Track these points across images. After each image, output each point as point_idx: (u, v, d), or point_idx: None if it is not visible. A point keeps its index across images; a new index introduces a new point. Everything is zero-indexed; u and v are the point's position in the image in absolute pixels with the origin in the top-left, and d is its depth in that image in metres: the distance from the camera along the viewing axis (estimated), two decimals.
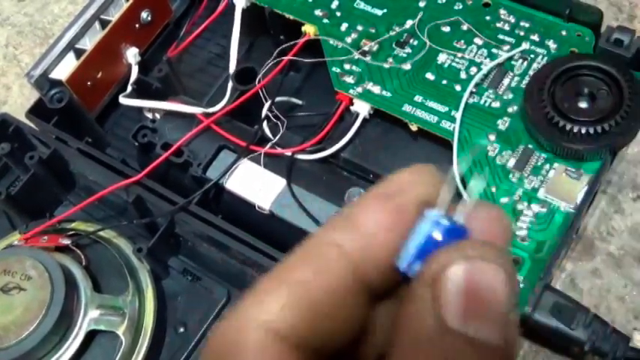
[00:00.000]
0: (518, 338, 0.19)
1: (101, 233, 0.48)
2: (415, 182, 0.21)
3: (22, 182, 0.49)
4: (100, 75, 0.52)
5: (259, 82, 0.49)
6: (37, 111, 0.51)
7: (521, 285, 0.40)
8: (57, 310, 0.42)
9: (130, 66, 0.54)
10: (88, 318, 0.44)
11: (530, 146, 0.44)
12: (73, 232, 0.48)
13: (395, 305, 0.21)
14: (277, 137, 0.48)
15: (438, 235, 0.20)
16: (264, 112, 0.49)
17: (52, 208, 0.52)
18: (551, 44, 0.47)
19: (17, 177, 0.51)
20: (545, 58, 0.46)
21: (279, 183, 0.46)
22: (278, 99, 0.49)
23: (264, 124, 0.49)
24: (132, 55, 0.53)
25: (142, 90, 0.53)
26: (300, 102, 0.52)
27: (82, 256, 0.47)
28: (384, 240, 0.20)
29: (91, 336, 0.44)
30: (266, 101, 0.49)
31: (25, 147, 0.51)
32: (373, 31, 0.50)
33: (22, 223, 0.49)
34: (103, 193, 0.47)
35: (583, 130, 0.42)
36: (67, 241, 0.47)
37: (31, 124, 0.51)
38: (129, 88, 0.53)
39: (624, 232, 0.47)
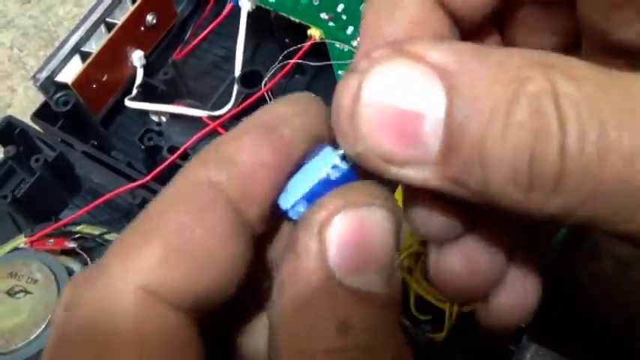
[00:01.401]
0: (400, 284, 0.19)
1: (107, 236, 0.48)
2: (299, 113, 0.19)
3: (27, 185, 0.49)
4: (105, 78, 0.52)
5: (265, 85, 0.49)
6: (42, 114, 0.51)
7: None
8: None
9: (135, 69, 0.54)
10: None
11: None
12: (78, 235, 0.48)
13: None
14: None
15: (334, 176, 0.18)
16: None
17: (57, 211, 0.52)
18: None
19: (22, 180, 0.51)
20: None
21: None
22: None
23: None
24: (137, 57, 0.53)
25: (148, 93, 0.53)
26: None
27: (88, 259, 0.47)
28: (266, 178, 0.18)
29: None
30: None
31: (30, 150, 0.51)
32: None
33: (28, 226, 0.49)
34: (110, 196, 0.47)
35: None
36: (72, 244, 0.47)
37: (37, 127, 0.51)
38: (134, 91, 0.53)
39: None
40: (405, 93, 0.17)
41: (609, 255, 0.47)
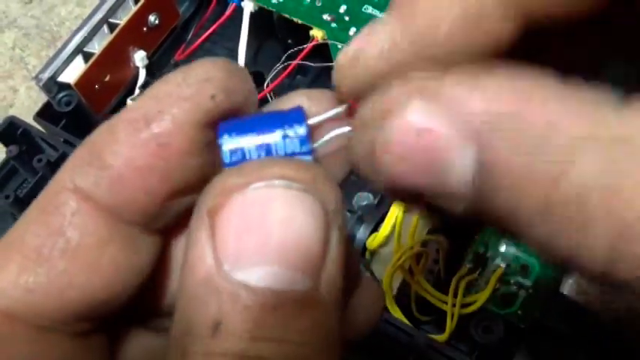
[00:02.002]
0: (336, 282, 0.15)
1: None
2: (185, 95, 0.16)
3: (30, 185, 0.49)
4: (107, 78, 0.52)
5: (267, 86, 0.49)
6: (45, 114, 0.51)
7: (530, 290, 0.40)
8: None
9: (137, 69, 0.54)
10: None
11: None
12: None
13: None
14: None
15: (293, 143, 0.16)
16: None
17: None
18: None
19: (25, 180, 0.51)
20: None
21: None
22: None
23: None
24: (139, 58, 0.53)
25: None
26: None
27: None
28: (143, 183, 0.16)
29: None
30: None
31: (32, 150, 0.51)
32: None
33: None
34: None
35: None
36: None
37: (39, 127, 0.51)
38: (137, 92, 0.53)
39: None
40: (431, 158, 0.14)
41: None
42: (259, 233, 0.14)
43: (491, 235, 0.42)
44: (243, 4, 0.53)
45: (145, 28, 0.54)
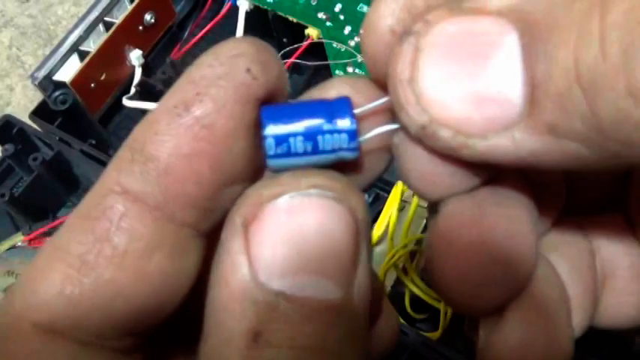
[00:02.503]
0: (367, 292, 0.15)
1: None
2: (221, 74, 0.15)
3: (25, 184, 0.49)
4: (103, 77, 0.52)
5: None
6: (40, 112, 0.51)
7: None
8: None
9: (133, 68, 0.54)
10: None
11: None
12: None
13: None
14: None
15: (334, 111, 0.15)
16: None
17: (55, 209, 0.52)
18: None
19: (21, 178, 0.51)
20: None
21: None
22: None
23: None
24: (135, 57, 0.53)
25: (146, 92, 0.53)
26: None
27: None
28: (192, 173, 0.15)
29: None
30: None
31: (28, 148, 0.51)
32: None
33: (26, 224, 0.49)
34: None
35: None
36: None
37: (35, 126, 0.51)
38: (132, 90, 0.53)
39: None
40: (472, 47, 0.14)
41: None
42: (295, 242, 0.14)
43: None
44: (238, 2, 0.53)
45: (140, 27, 0.54)
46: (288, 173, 0.15)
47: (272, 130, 0.15)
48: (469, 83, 0.14)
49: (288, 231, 0.14)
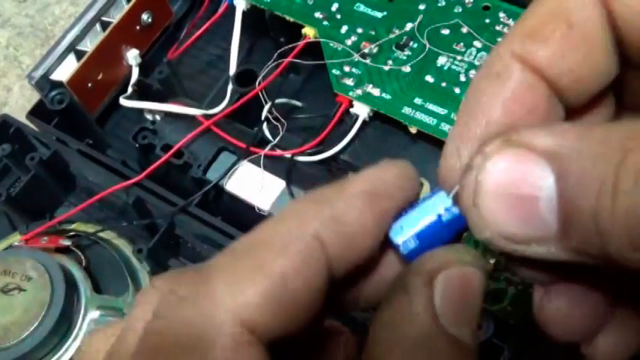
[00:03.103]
0: None
1: (101, 234, 0.48)
2: (402, 187, 0.21)
3: (22, 183, 0.49)
4: (100, 76, 0.52)
5: (259, 84, 0.49)
6: (37, 112, 0.51)
7: (520, 287, 0.40)
8: (57, 311, 0.42)
9: (130, 67, 0.54)
10: (88, 318, 0.44)
11: None
12: (73, 234, 0.48)
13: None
14: (277, 139, 0.48)
15: (445, 218, 0.20)
16: (264, 114, 0.49)
17: (52, 209, 0.52)
18: None
19: (18, 178, 0.51)
20: None
21: (278, 184, 0.46)
22: (278, 101, 0.50)
23: (264, 125, 0.49)
24: (132, 56, 0.53)
25: (143, 92, 0.53)
26: (299, 104, 0.52)
27: (82, 257, 0.47)
28: (364, 241, 0.20)
29: None
30: (266, 103, 0.49)
31: (25, 148, 0.51)
32: (373, 33, 0.50)
33: (23, 223, 0.49)
34: (103, 194, 0.47)
35: None
36: (67, 242, 0.47)
37: (32, 126, 0.51)
38: (129, 90, 0.53)
39: None
40: (520, 180, 0.18)
41: None
42: (462, 301, 0.19)
43: None
44: (235, 2, 0.53)
45: (137, 27, 0.54)
46: (459, 246, 0.20)
47: (397, 237, 0.21)
48: (518, 209, 0.18)
49: (459, 290, 0.19)
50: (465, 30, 0.49)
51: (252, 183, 0.47)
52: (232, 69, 0.51)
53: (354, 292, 0.22)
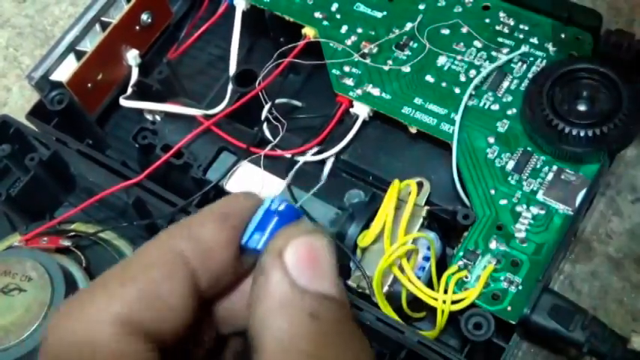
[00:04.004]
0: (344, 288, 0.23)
1: (101, 234, 0.48)
2: (248, 207, 0.24)
3: (22, 184, 0.49)
4: (100, 77, 0.52)
5: (259, 84, 0.49)
6: (37, 112, 0.51)
7: (520, 287, 0.40)
8: None
9: (130, 68, 0.54)
10: None
11: (529, 149, 0.44)
12: (73, 234, 0.48)
13: (225, 303, 0.25)
14: (277, 139, 0.48)
15: (273, 207, 0.24)
16: (264, 114, 0.49)
17: (52, 209, 0.52)
18: (551, 47, 0.47)
19: (18, 178, 0.51)
20: (545, 61, 0.47)
21: (279, 184, 0.46)
22: (278, 101, 0.49)
23: (264, 125, 0.49)
24: (132, 57, 0.53)
25: (143, 92, 0.53)
26: (299, 104, 0.52)
27: (82, 258, 0.47)
28: (219, 254, 0.23)
29: None
30: (266, 103, 0.49)
31: (25, 149, 0.51)
32: (373, 33, 0.50)
33: (23, 224, 0.49)
34: (103, 195, 0.47)
35: (582, 133, 0.42)
36: (67, 243, 0.47)
37: (32, 126, 0.51)
38: (129, 90, 0.53)
39: (623, 234, 0.47)
40: None
41: (601, 254, 0.47)
42: (312, 262, 0.22)
43: (481, 232, 0.42)
44: (235, 2, 0.53)
45: (137, 27, 0.54)
46: (298, 221, 0.24)
47: (244, 238, 0.24)
48: None
49: (309, 255, 0.22)
50: (464, 30, 0.49)
51: (253, 183, 0.47)
52: (232, 69, 0.51)
53: (228, 307, 0.25)
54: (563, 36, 0.47)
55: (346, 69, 0.49)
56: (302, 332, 0.21)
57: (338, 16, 0.51)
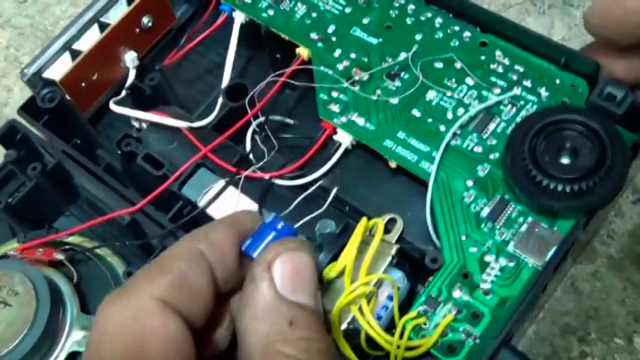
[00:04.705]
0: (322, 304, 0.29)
1: (97, 251, 0.48)
2: (250, 220, 0.31)
3: (22, 193, 0.49)
4: (95, 77, 0.52)
5: (250, 100, 0.48)
6: (28, 108, 0.51)
7: (477, 341, 0.39)
8: (39, 329, 0.42)
9: (127, 70, 0.54)
10: (72, 339, 0.44)
11: (506, 197, 0.43)
12: (68, 247, 0.48)
13: (234, 303, 0.30)
14: (262, 162, 0.47)
15: (276, 224, 0.30)
16: (249, 134, 0.48)
17: (53, 218, 0.52)
18: (543, 92, 0.46)
19: (23, 183, 0.51)
20: (535, 106, 0.45)
21: (251, 207, 0.46)
22: (269, 117, 0.49)
23: (251, 143, 0.48)
24: (130, 59, 0.53)
25: (136, 95, 0.53)
26: (291, 121, 0.52)
27: (75, 273, 0.47)
28: (230, 252, 0.29)
29: (72, 358, 0.44)
30: (256, 119, 0.49)
31: (31, 155, 0.51)
32: (366, 60, 0.49)
33: (22, 231, 0.49)
34: (102, 220, 0.46)
35: (560, 188, 0.41)
36: (61, 256, 0.47)
37: (30, 126, 0.51)
38: (123, 93, 0.53)
39: (624, 235, 0.47)
40: None
41: (603, 255, 0.46)
42: (295, 276, 0.28)
43: (446, 279, 0.41)
44: (234, 14, 0.52)
45: (137, 30, 0.54)
46: (287, 239, 0.30)
47: (244, 247, 0.30)
48: None
49: (291, 269, 0.28)
50: (458, 65, 0.47)
51: (226, 203, 0.46)
52: (225, 81, 0.51)
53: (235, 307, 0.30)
54: (557, 81, 0.46)
55: (334, 94, 0.48)
56: (281, 336, 0.26)
57: (333, 39, 0.50)
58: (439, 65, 0.48)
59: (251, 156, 0.48)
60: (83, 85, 0.52)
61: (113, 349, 0.26)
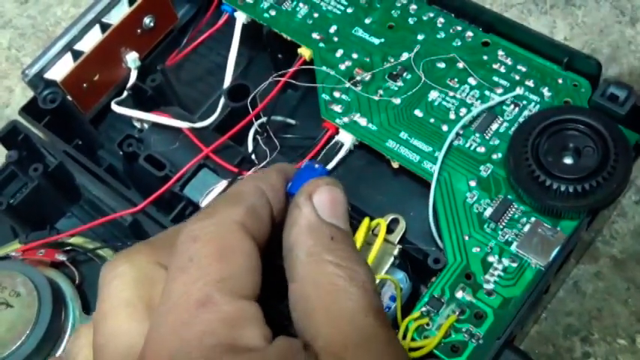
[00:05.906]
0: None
1: (99, 252, 0.48)
2: (291, 167, 0.35)
3: (24, 194, 0.49)
4: (97, 77, 0.52)
5: (252, 100, 0.48)
6: (30, 109, 0.51)
7: (481, 341, 0.39)
8: (41, 331, 0.42)
9: (129, 70, 0.54)
10: None
11: (509, 197, 0.43)
12: (70, 248, 0.48)
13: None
14: (263, 163, 0.47)
15: (313, 166, 0.34)
16: (251, 134, 0.48)
17: (54, 219, 0.51)
18: (546, 92, 0.45)
19: (25, 184, 0.50)
20: (538, 106, 0.45)
21: None
22: (271, 118, 0.49)
23: (253, 143, 0.48)
24: (132, 59, 0.53)
25: (138, 96, 0.53)
26: (293, 122, 0.52)
27: (76, 274, 0.47)
28: (281, 190, 0.33)
29: None
30: (256, 120, 0.49)
31: (32, 156, 0.50)
32: (368, 60, 0.49)
33: (24, 232, 0.49)
34: (103, 221, 0.46)
35: (562, 188, 0.40)
36: (63, 257, 0.47)
37: (40, 134, 0.51)
38: (124, 94, 0.53)
39: (627, 235, 0.46)
40: None
41: (606, 255, 0.46)
42: (332, 204, 0.31)
43: (449, 280, 0.41)
44: (236, 14, 0.52)
45: (139, 30, 0.54)
46: (323, 177, 0.33)
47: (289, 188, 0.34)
48: None
49: (329, 198, 0.31)
50: (461, 65, 0.47)
51: None
52: (227, 82, 0.51)
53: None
54: (560, 81, 0.45)
55: (336, 95, 0.48)
56: (325, 247, 0.29)
57: (335, 39, 0.50)
58: (441, 65, 0.48)
59: (253, 156, 0.48)
60: (85, 85, 0.51)
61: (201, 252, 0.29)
